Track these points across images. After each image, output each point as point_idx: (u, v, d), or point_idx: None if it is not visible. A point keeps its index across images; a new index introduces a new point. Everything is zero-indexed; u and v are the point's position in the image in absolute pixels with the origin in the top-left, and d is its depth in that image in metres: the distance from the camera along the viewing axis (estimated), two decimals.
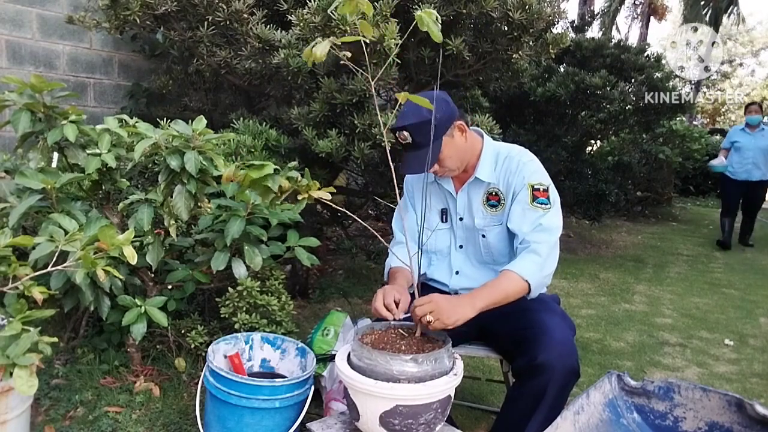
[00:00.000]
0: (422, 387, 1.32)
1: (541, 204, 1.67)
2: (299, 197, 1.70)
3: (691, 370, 2.87)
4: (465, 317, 1.46)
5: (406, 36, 1.72)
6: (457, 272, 1.82)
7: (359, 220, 1.89)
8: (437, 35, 1.29)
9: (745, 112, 6.19)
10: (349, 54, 1.37)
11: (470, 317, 1.48)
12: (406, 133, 1.60)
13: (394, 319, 1.52)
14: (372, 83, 1.51)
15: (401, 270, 1.72)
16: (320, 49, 1.26)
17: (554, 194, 1.70)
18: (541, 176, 1.71)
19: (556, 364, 1.48)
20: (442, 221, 1.83)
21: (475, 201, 1.77)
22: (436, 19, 1.28)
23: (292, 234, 2.21)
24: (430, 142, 1.56)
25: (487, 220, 1.75)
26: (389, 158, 1.52)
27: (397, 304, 1.53)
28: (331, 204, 1.77)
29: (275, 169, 1.65)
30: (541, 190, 1.68)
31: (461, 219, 1.81)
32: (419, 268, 1.59)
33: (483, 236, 1.76)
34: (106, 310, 1.91)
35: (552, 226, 1.65)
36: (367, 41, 1.35)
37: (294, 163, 1.80)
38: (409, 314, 1.50)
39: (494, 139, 1.89)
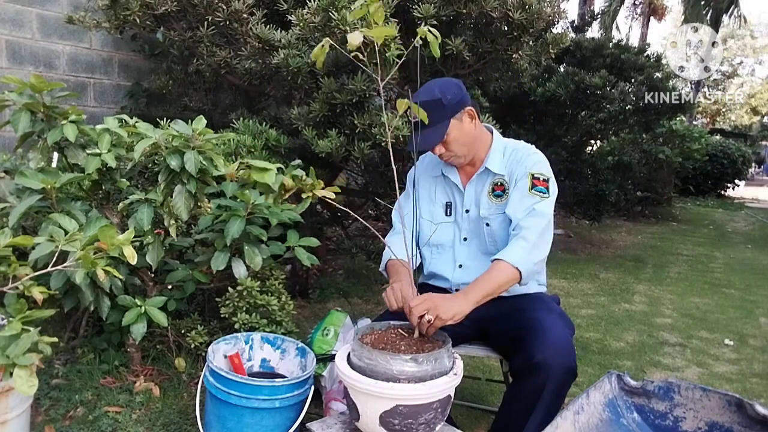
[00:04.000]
0: (422, 387, 1.32)
1: (539, 192, 1.69)
2: (303, 196, 1.70)
3: (691, 370, 2.87)
4: (462, 312, 1.48)
5: (405, 36, 1.72)
6: (460, 266, 1.82)
7: (360, 218, 1.88)
8: (437, 51, 1.39)
9: None
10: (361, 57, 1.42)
11: (467, 311, 1.50)
12: None
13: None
14: (383, 83, 1.50)
15: (400, 263, 1.69)
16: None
17: (554, 187, 1.73)
18: (543, 167, 1.74)
19: (553, 363, 1.48)
20: (446, 215, 1.85)
21: (482, 192, 1.79)
22: (436, 38, 1.38)
23: (292, 234, 2.21)
24: (444, 121, 1.62)
25: (492, 209, 1.77)
26: (392, 159, 1.52)
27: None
28: (332, 203, 1.76)
29: (279, 168, 1.65)
30: (541, 179, 1.71)
31: (467, 211, 1.82)
32: (414, 263, 1.59)
33: (487, 224, 1.78)
34: (106, 310, 1.91)
35: (543, 212, 1.67)
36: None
37: (298, 162, 1.80)
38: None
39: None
